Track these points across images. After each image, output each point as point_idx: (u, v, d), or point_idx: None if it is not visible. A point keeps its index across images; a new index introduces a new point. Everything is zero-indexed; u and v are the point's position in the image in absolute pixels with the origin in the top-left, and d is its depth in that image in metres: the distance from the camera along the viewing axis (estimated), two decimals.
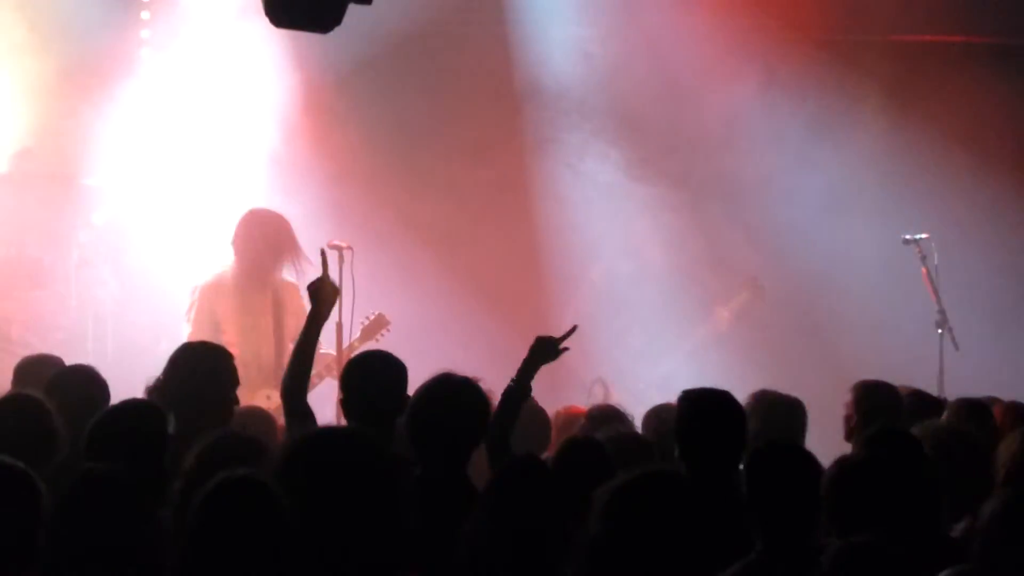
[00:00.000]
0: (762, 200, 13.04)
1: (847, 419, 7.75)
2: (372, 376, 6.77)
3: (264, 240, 10.56)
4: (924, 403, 7.89)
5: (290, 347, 9.98)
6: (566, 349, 7.08)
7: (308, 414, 6.93)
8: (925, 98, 13.03)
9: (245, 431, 6.31)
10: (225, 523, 4.42)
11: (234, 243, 10.66)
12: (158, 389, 7.12)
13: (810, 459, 5.81)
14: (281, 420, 8.40)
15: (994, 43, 13.54)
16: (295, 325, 10.30)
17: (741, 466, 5.93)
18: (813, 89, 13.03)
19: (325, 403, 9.05)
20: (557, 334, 7.01)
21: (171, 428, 6.94)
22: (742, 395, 6.60)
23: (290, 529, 4.39)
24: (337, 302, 10.36)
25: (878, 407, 7.58)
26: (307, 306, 7.86)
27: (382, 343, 10.65)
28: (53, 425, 6.46)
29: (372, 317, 10.99)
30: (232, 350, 7.88)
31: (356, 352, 10.20)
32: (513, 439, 6.71)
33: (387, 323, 10.98)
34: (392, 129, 13.22)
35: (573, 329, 7.10)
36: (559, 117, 13.10)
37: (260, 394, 10.17)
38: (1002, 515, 5.27)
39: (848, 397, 7.81)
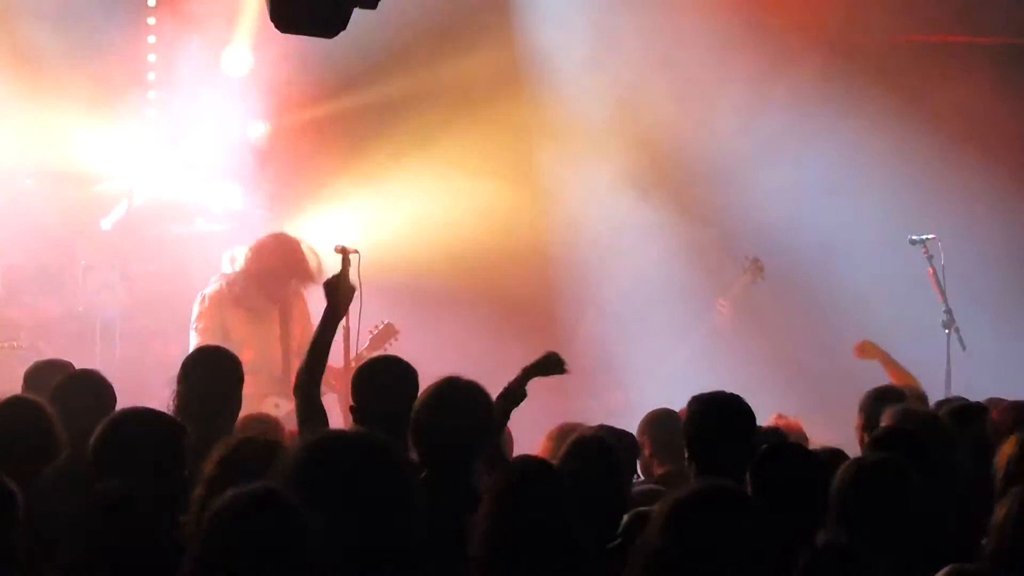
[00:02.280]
0: (767, 200, 13.03)
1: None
2: (384, 380, 6.78)
3: (284, 261, 10.63)
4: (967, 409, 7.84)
5: (296, 357, 10.09)
6: (567, 371, 7.12)
7: (322, 415, 6.93)
8: (931, 99, 13.02)
9: (264, 436, 6.31)
10: (243, 543, 4.24)
11: (254, 254, 10.69)
12: (178, 396, 7.15)
13: (814, 460, 5.83)
14: (288, 427, 8.43)
15: (999, 42, 13.54)
16: (301, 333, 10.35)
17: None
18: (817, 90, 13.02)
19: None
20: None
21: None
22: (749, 398, 6.59)
23: (315, 546, 4.30)
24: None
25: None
26: (314, 313, 7.84)
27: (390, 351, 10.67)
28: (52, 428, 6.48)
29: (381, 326, 10.99)
30: (242, 359, 7.89)
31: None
32: None
33: (396, 332, 10.97)
34: (399, 134, 13.23)
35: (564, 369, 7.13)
36: (567, 122, 13.10)
37: (268, 402, 10.17)
38: (1017, 516, 5.28)
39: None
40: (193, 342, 10.46)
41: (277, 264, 10.62)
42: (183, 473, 5.86)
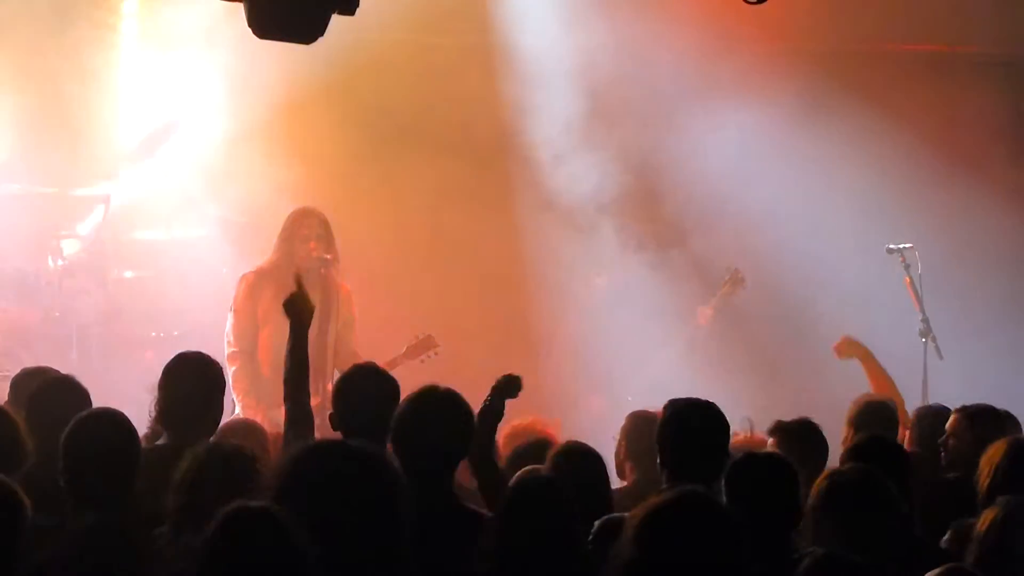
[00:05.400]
0: (745, 210, 13.04)
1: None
2: (365, 390, 6.80)
3: (297, 236, 10.62)
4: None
5: (331, 353, 10.19)
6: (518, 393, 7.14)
7: (310, 421, 6.95)
8: (909, 108, 13.05)
9: (234, 441, 6.30)
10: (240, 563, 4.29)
11: (281, 228, 10.79)
12: (158, 402, 7.14)
13: (788, 469, 5.85)
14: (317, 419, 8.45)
15: (975, 52, 13.58)
16: (347, 335, 10.53)
17: None
18: (794, 99, 13.03)
19: None
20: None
21: (163, 439, 6.98)
22: (725, 405, 6.61)
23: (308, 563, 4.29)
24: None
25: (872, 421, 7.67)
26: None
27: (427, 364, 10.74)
28: (19, 435, 6.48)
29: (421, 337, 10.99)
30: (265, 345, 7.77)
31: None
32: None
33: (436, 346, 10.95)
34: (377, 137, 13.21)
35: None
36: (545, 123, 13.09)
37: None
38: (1000, 528, 5.30)
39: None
40: (228, 323, 10.62)
41: (285, 235, 10.68)
42: (135, 469, 5.88)
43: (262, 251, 11.14)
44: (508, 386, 6.89)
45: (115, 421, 6.21)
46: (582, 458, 6.51)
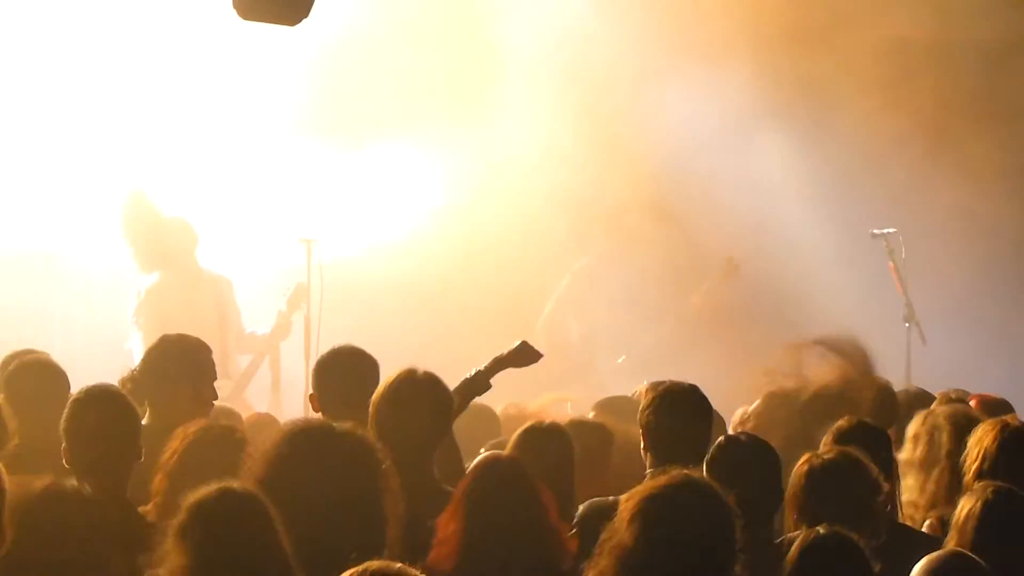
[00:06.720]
0: (729, 193, 13.04)
1: None
2: (346, 371, 6.80)
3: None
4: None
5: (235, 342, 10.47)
6: (540, 356, 7.12)
7: None
8: (893, 92, 13.05)
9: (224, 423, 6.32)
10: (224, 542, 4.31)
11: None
12: (133, 380, 7.12)
13: (770, 451, 5.85)
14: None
15: (962, 38, 13.58)
16: (236, 320, 10.79)
17: None
18: (780, 82, 13.03)
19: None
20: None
21: (145, 420, 6.98)
22: (707, 390, 6.62)
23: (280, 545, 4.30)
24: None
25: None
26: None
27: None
28: (1, 416, 6.46)
29: (293, 288, 11.05)
30: None
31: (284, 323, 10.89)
32: (463, 437, 6.75)
33: (306, 292, 11.00)
34: (361, 123, 13.20)
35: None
36: (528, 112, 13.08)
37: None
38: (980, 516, 5.31)
39: None
40: (133, 337, 10.78)
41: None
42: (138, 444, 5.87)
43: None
44: (522, 355, 6.91)
45: (117, 398, 6.20)
46: (548, 438, 6.49)
